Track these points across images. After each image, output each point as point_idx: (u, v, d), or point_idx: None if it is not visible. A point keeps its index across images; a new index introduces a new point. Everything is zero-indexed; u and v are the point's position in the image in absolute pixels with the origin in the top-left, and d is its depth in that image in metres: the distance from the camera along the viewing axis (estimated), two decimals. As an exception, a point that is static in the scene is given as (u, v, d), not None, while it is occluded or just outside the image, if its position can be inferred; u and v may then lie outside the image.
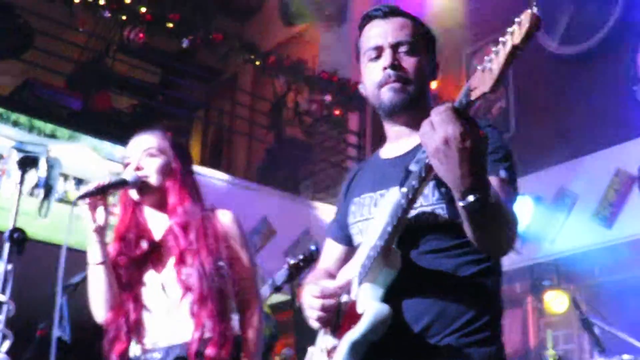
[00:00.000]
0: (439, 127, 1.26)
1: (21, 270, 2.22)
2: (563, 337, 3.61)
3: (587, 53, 4.87)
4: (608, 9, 4.80)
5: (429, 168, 1.36)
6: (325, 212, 5.72)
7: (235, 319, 2.11)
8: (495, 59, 1.23)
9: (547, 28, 5.14)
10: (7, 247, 2.14)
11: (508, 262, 5.15)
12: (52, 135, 5.03)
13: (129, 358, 2.06)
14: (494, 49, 1.24)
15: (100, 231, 2.05)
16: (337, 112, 6.95)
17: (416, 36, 1.66)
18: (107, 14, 5.73)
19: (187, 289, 2.04)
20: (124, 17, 5.88)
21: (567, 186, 4.74)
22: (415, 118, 1.56)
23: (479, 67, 1.26)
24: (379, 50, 1.64)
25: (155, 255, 2.15)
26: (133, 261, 2.13)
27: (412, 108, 1.61)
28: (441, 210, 1.54)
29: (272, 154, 7.42)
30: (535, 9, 1.22)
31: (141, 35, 6.28)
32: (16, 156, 5.26)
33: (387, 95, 1.61)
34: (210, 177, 5.42)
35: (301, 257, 3.14)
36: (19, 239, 2.16)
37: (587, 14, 4.91)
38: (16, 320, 2.18)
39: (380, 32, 1.65)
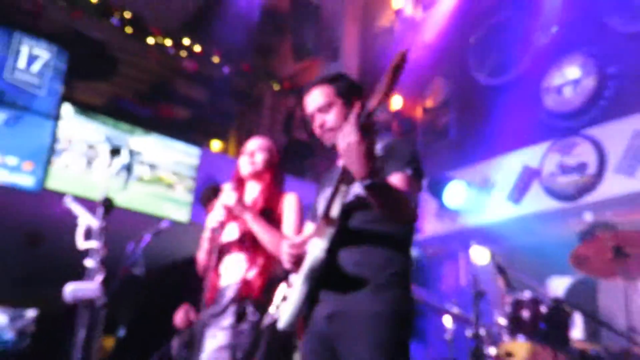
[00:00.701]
0: (345, 136, 1.37)
1: (109, 227, 2.26)
2: (484, 280, 3.67)
3: (507, 83, 4.94)
4: (523, 51, 4.88)
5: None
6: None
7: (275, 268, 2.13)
8: (381, 84, 1.32)
9: (479, 65, 5.20)
10: (100, 210, 2.20)
11: (448, 228, 5.17)
12: (131, 132, 5.09)
13: (219, 288, 2.14)
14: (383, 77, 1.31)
15: (220, 224, 2.09)
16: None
17: (330, 96, 1.72)
18: (172, 51, 5.82)
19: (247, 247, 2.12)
20: (183, 53, 5.98)
21: (490, 176, 4.82)
22: None
23: (374, 90, 1.34)
24: (312, 116, 1.76)
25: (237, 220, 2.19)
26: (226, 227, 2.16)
27: None
28: None
29: (285, 152, 7.43)
30: (404, 50, 1.29)
31: (194, 65, 6.35)
32: (107, 147, 5.31)
33: (325, 141, 1.75)
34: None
35: None
36: (108, 206, 2.21)
37: (508, 55, 4.98)
38: (106, 261, 2.23)
39: (307, 103, 1.76)
